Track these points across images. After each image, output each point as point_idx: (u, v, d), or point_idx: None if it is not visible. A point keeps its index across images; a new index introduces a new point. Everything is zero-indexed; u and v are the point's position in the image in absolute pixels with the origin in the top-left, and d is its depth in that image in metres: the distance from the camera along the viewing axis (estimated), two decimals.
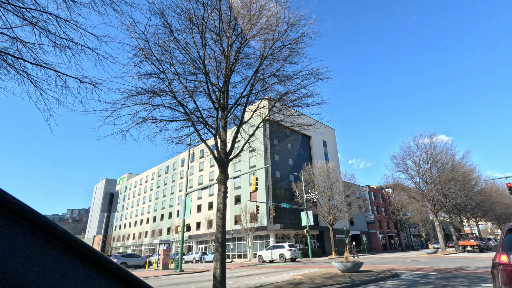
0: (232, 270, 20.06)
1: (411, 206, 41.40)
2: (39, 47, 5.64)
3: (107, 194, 8.46)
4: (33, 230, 0.43)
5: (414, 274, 12.77)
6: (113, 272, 0.51)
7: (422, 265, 17.01)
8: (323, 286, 9.38)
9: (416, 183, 36.78)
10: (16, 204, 0.42)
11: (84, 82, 6.20)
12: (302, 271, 16.23)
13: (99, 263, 0.50)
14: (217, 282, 7.75)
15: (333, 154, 57.28)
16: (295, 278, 12.24)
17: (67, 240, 0.46)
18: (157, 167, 71.93)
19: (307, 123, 11.12)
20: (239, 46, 9.24)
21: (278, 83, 9.94)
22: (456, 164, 35.67)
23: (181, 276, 17.13)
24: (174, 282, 13.72)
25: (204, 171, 54.39)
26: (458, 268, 14.47)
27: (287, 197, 43.62)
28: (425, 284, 9.63)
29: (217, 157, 9.08)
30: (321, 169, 40.67)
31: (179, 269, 20.26)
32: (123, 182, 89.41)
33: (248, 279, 13.31)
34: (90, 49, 5.96)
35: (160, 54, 8.69)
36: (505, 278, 3.60)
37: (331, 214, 37.14)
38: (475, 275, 11.42)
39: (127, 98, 8.50)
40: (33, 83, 5.87)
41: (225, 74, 9.34)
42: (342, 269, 13.03)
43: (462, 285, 9.06)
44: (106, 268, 0.50)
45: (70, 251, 0.46)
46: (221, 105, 9.39)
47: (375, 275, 11.64)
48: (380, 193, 65.44)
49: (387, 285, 9.78)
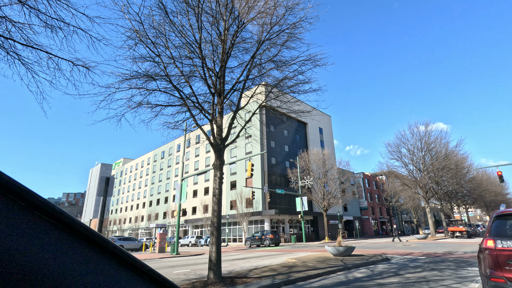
0: (228, 253, 20.49)
1: (403, 193, 42.21)
2: (29, 27, 5.46)
3: (103, 178, 8.46)
4: (31, 209, 0.43)
5: (404, 258, 13.18)
6: (109, 251, 0.53)
7: (412, 250, 17.53)
8: (315, 269, 9.65)
9: (409, 170, 37.38)
10: (13, 184, 0.42)
11: (77, 64, 6.06)
12: (295, 254, 16.64)
13: (96, 242, 0.51)
14: (212, 265, 7.93)
15: (329, 141, 57.55)
16: (289, 261, 12.56)
17: (64, 219, 0.47)
18: (153, 152, 71.80)
19: (303, 110, 11.08)
20: (236, 30, 9.04)
21: (275, 69, 9.81)
22: (450, 152, 36.18)
23: (178, 259, 17.47)
24: (171, 265, 14.00)
25: (200, 157, 54.45)
26: (447, 253, 14.96)
27: (282, 183, 44.08)
28: (414, 267, 9.96)
29: (213, 142, 9.07)
30: (317, 156, 40.97)
31: (175, 252, 20.63)
32: (119, 167, 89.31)
33: (243, 262, 13.64)
34: (82, 31, 5.80)
35: (155, 37, 8.48)
36: (490, 262, 3.74)
37: (325, 200, 37.76)
38: (462, 260, 11.84)
39: (122, 82, 8.35)
40: (24, 65, 5.72)
41: (221, 59, 9.18)
42: (335, 253, 13.38)
43: (449, 269, 9.40)
44: (102, 246, 0.52)
45: (67, 230, 0.47)
46: (217, 90, 9.29)
47: (367, 259, 11.99)
48: (374, 180, 66.43)
49: (378, 268, 10.10)
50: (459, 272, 8.64)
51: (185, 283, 7.82)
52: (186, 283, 7.79)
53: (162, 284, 0.64)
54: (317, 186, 39.49)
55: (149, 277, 0.61)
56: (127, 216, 75.14)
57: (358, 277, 8.51)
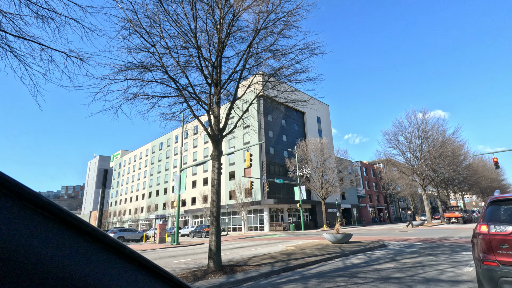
0: (228, 242, 20.79)
1: (401, 180, 42.64)
2: (20, 18, 5.34)
3: (101, 171, 8.47)
4: (19, 200, 0.44)
5: (400, 244, 13.44)
6: (98, 239, 0.54)
7: (408, 236, 17.86)
8: (314, 256, 9.84)
9: (406, 158, 37.66)
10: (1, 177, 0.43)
11: (71, 56, 5.97)
12: (294, 242, 16.91)
13: (85, 231, 0.51)
14: (212, 254, 8.06)
15: (326, 130, 57.60)
16: (288, 249, 12.78)
17: (52, 209, 0.47)
18: (151, 144, 71.66)
19: (301, 99, 11.05)
20: (231, 19, 8.90)
21: (272, 58, 9.72)
22: (447, 140, 36.40)
23: (178, 249, 17.71)
24: (171, 255, 14.21)
25: (198, 148, 54.45)
26: (442, 238, 15.26)
27: (280, 173, 44.33)
28: (411, 253, 10.17)
29: (210, 133, 9.06)
30: (315, 145, 41.10)
31: (175, 242, 20.89)
32: (117, 159, 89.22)
33: (243, 251, 13.86)
34: (75, 21, 5.68)
35: (150, 26, 8.33)
36: (483, 247, 3.83)
37: (324, 189, 38.10)
38: (457, 245, 12.09)
39: (117, 73, 8.25)
40: (17, 57, 5.62)
41: (217, 48, 9.07)
42: (333, 240, 13.61)
43: (444, 254, 9.61)
44: (92, 235, 0.52)
45: (55, 220, 0.48)
46: (214, 81, 9.22)
47: (364, 245, 12.22)
48: (372, 168, 66.96)
49: (375, 254, 10.31)
50: (454, 257, 8.85)
51: (186, 272, 7.96)
52: (187, 272, 7.93)
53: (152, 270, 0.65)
54: (315, 175, 39.77)
55: (138, 263, 0.62)
56: (126, 207, 75.60)
57: (356, 263, 8.69)
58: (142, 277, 0.61)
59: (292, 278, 7.05)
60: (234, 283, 6.55)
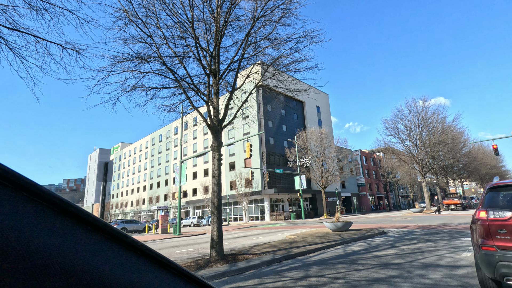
0: (229, 232, 21.04)
1: (400, 168, 42.87)
2: (14, 9, 5.24)
3: (102, 163, 8.48)
4: (18, 191, 0.44)
5: (400, 231, 13.61)
6: (101, 229, 0.54)
7: (407, 223, 18.07)
8: (315, 244, 9.97)
9: (406, 146, 37.73)
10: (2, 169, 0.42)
11: (67, 48, 5.89)
12: (295, 231, 17.13)
13: (86, 220, 0.51)
14: (214, 243, 8.17)
15: (326, 119, 57.47)
16: (289, 237, 12.94)
17: (52, 199, 0.47)
18: (151, 136, 71.62)
19: (300, 89, 10.95)
20: (229, 7, 8.73)
21: (271, 47, 9.59)
22: (446, 127, 36.38)
23: (180, 239, 17.94)
24: (174, 245, 14.40)
25: (198, 139, 54.44)
26: (441, 225, 15.44)
27: (281, 163, 44.48)
28: (410, 240, 10.31)
29: (210, 124, 9.04)
30: (315, 135, 41.09)
31: (178, 232, 21.15)
32: (117, 151, 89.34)
33: (244, 240, 14.04)
34: (69, 12, 5.58)
35: (146, 16, 8.19)
36: (482, 232, 3.88)
37: (324, 178, 38.32)
38: (456, 231, 12.25)
39: (114, 65, 8.16)
40: (12, 50, 5.55)
41: (215, 38, 8.94)
42: (333, 228, 13.77)
43: (443, 240, 9.74)
44: (93, 224, 0.52)
45: (55, 209, 0.48)
46: (212, 71, 9.13)
47: (364, 233, 12.37)
48: (371, 157, 67.15)
49: (375, 242, 10.45)
50: (453, 243, 8.97)
51: (189, 262, 8.09)
52: (190, 261, 8.05)
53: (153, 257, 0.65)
54: (315, 164, 39.91)
55: (141, 252, 0.62)
56: (128, 199, 76.18)
57: (356, 250, 8.82)
58: (145, 266, 0.61)
59: (294, 265, 7.17)
60: (236, 271, 6.66)
